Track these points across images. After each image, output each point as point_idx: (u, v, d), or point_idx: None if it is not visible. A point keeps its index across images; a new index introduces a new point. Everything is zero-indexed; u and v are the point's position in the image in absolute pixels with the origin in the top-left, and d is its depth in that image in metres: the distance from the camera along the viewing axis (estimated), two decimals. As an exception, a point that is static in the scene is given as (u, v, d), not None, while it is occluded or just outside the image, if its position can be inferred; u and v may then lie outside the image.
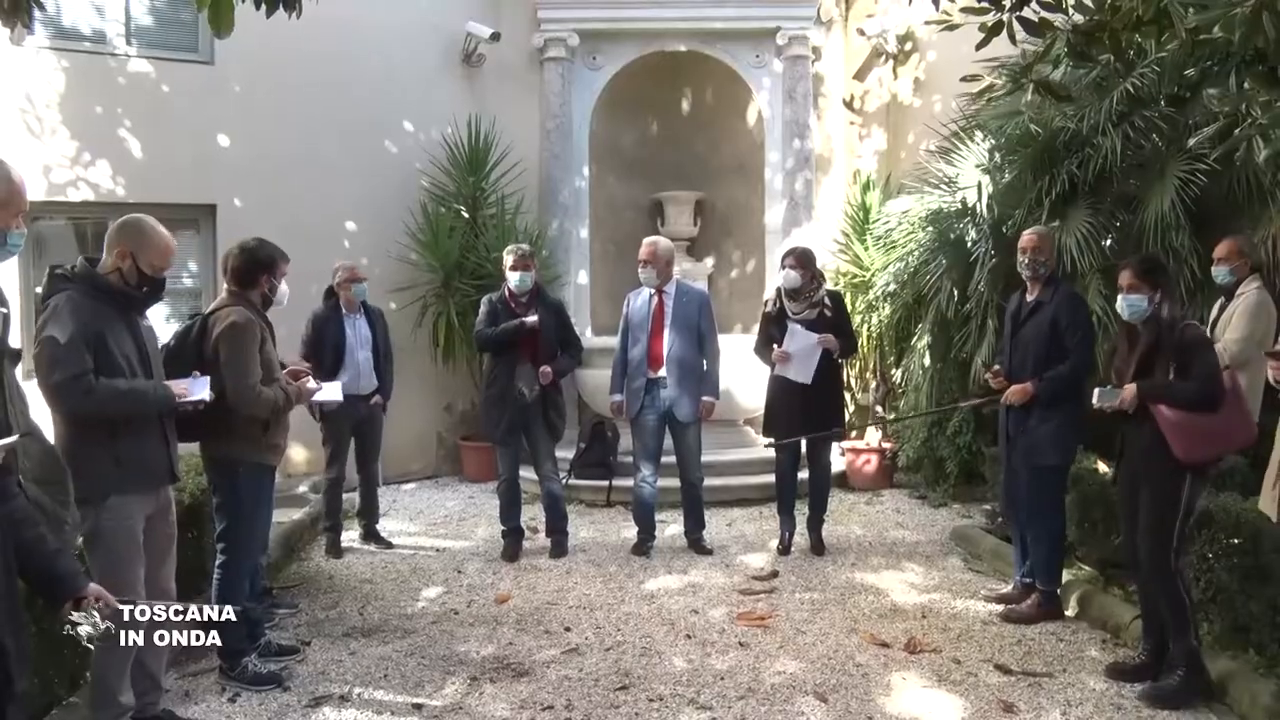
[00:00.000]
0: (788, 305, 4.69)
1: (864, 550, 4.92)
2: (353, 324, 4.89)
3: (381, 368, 4.96)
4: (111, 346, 2.52)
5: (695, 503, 4.92)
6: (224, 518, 3.22)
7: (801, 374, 4.56)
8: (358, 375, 4.78)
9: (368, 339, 4.89)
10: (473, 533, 5.44)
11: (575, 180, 7.44)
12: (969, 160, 5.43)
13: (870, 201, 7.03)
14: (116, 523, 2.54)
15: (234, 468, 3.13)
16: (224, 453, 3.14)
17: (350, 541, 5.14)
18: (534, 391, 4.64)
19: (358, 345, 4.85)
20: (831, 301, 4.70)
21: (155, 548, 2.67)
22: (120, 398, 2.51)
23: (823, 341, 4.54)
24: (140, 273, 2.61)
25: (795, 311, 4.68)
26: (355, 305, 4.91)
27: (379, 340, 4.94)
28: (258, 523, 3.26)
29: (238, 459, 3.12)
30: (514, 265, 4.65)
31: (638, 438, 4.85)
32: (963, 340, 5.26)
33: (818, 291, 4.68)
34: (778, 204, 7.43)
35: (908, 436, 6.19)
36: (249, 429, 3.09)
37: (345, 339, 4.81)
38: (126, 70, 6.02)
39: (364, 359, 4.87)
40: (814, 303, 4.65)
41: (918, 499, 6.17)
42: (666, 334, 4.74)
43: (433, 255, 6.67)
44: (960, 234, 5.38)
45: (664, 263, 4.73)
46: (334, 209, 6.52)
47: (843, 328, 4.72)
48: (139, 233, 2.63)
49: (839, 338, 4.66)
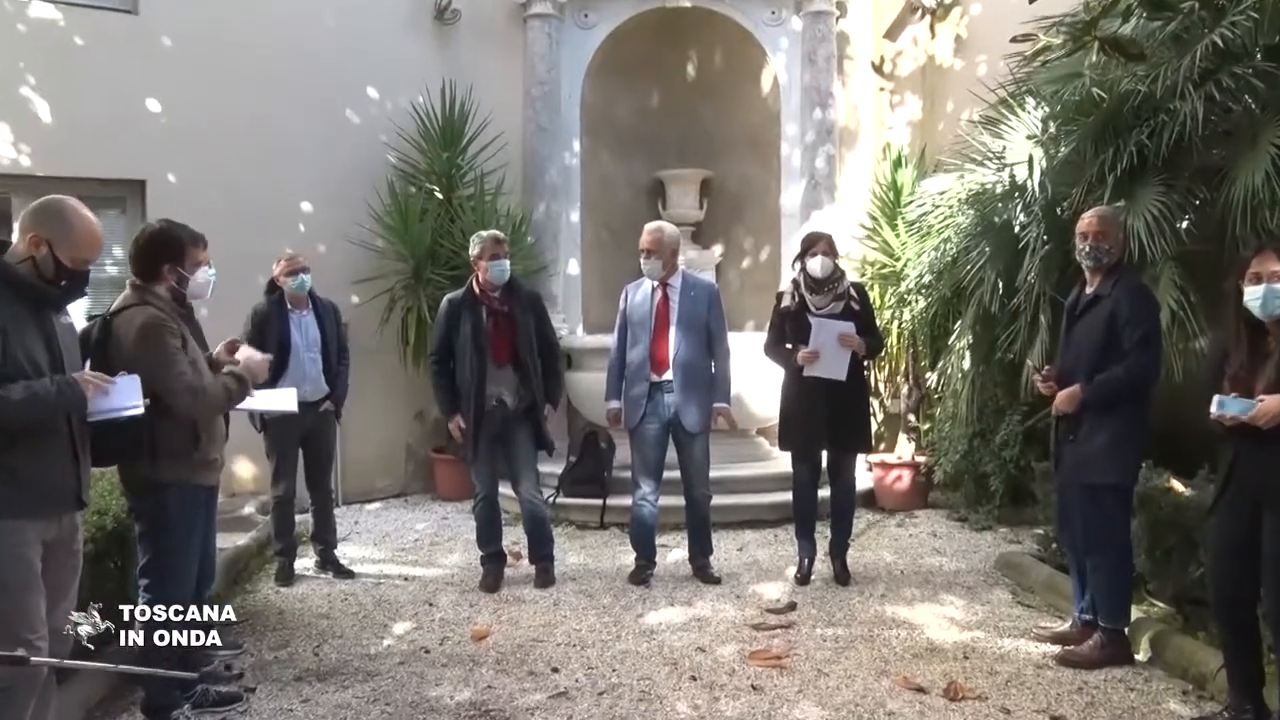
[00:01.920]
0: (810, 299, 4.67)
1: (895, 580, 4.89)
2: (299, 321, 4.87)
3: (334, 370, 4.94)
4: (14, 348, 2.41)
5: (702, 524, 4.91)
6: (148, 549, 3.13)
7: (835, 369, 4.55)
8: (304, 379, 4.74)
9: (316, 338, 4.89)
10: (446, 559, 5.43)
11: (564, 156, 7.43)
12: (1018, 131, 5.38)
13: (902, 180, 6.99)
14: (5, 549, 2.41)
15: (160, 491, 3.06)
16: (146, 474, 3.05)
17: (305, 569, 5.11)
18: (521, 400, 4.65)
19: (305, 345, 4.85)
20: (857, 293, 4.71)
21: (54, 582, 2.53)
22: (15, 409, 2.37)
23: (846, 342, 4.53)
24: (58, 264, 2.51)
25: (819, 306, 4.65)
26: (302, 300, 4.89)
27: (330, 338, 4.93)
28: (189, 555, 3.17)
29: (164, 480, 3.04)
30: (493, 253, 4.62)
31: (637, 450, 4.85)
32: (1009, 339, 5.20)
33: (842, 282, 4.69)
34: (795, 183, 7.42)
35: (945, 449, 6.16)
36: (174, 442, 3.02)
37: (290, 338, 4.79)
38: (28, 16, 5.91)
39: (311, 360, 4.87)
40: (839, 294, 4.65)
41: (957, 521, 6.14)
42: (671, 333, 4.74)
43: (401, 241, 6.68)
44: (1007, 217, 5.33)
45: (669, 252, 4.75)
46: (286, 188, 6.52)
47: (869, 324, 4.74)
48: (59, 218, 2.54)
49: (865, 335, 4.65)
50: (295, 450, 4.89)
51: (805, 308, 4.66)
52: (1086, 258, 3.70)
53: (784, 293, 4.83)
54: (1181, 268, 4.31)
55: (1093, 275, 3.73)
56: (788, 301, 4.74)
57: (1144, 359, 3.55)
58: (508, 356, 4.63)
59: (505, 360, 4.63)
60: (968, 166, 5.78)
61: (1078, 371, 3.67)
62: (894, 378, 7.12)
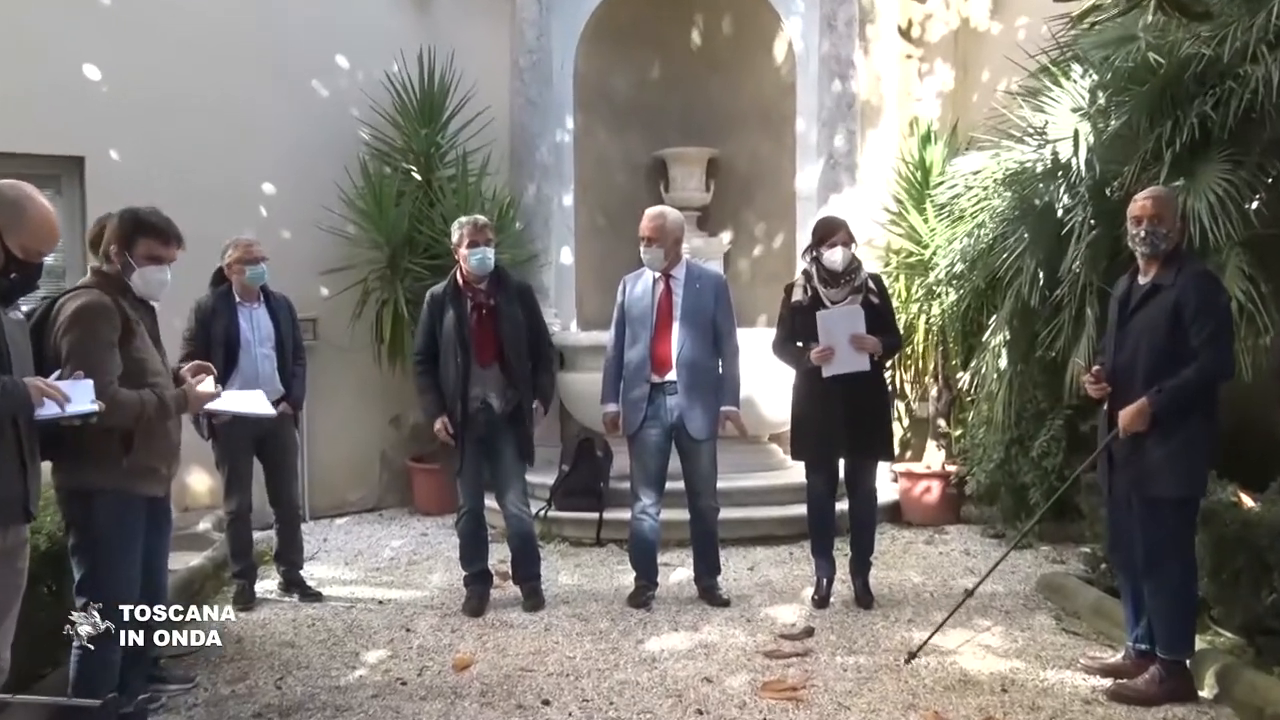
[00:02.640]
0: (824, 292, 4.67)
1: (924, 603, 4.87)
2: (249, 315, 4.85)
3: (288, 368, 4.95)
4: None
5: (709, 540, 4.91)
6: (81, 562, 3.11)
7: (854, 360, 4.57)
8: (255, 379, 4.72)
9: (269, 334, 4.88)
10: (425, 580, 5.42)
11: (556, 133, 7.45)
12: (1063, 103, 5.35)
13: (931, 159, 6.98)
14: None
15: (87, 499, 3.04)
16: (75, 480, 3.04)
17: (266, 592, 5.07)
18: (508, 403, 4.66)
19: (255, 341, 4.83)
20: (875, 285, 4.74)
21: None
22: None
23: (860, 344, 4.55)
24: (8, 255, 2.53)
25: (834, 300, 4.66)
26: (252, 292, 4.88)
27: (284, 334, 4.93)
28: (126, 571, 3.13)
29: (91, 487, 3.03)
30: (473, 240, 4.62)
31: (637, 458, 4.84)
32: (1051, 335, 5.17)
33: (859, 274, 4.71)
34: (812, 163, 7.41)
35: (979, 457, 6.13)
36: (100, 446, 2.99)
37: (239, 334, 4.77)
38: (-55, -29, 5.92)
39: (265, 357, 4.85)
40: (856, 287, 4.67)
41: (993, 538, 6.13)
42: (675, 329, 4.74)
43: (375, 227, 6.67)
44: (1049, 199, 5.31)
45: (672, 240, 4.75)
46: (245, 167, 6.47)
47: (888, 319, 4.78)
48: (12, 206, 2.55)
49: (883, 333, 4.67)
50: (249, 459, 4.87)
51: (818, 302, 4.66)
52: (1140, 244, 3.65)
53: (794, 285, 4.82)
54: (1250, 254, 4.25)
55: (1147, 264, 3.68)
56: (799, 295, 4.74)
57: (1216, 357, 3.49)
58: (493, 355, 4.63)
59: (490, 359, 4.63)
60: (1005, 143, 5.75)
61: (1134, 371, 3.62)
62: (922, 378, 7.09)
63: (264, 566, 5.18)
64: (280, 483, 4.99)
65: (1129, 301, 3.72)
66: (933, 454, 6.81)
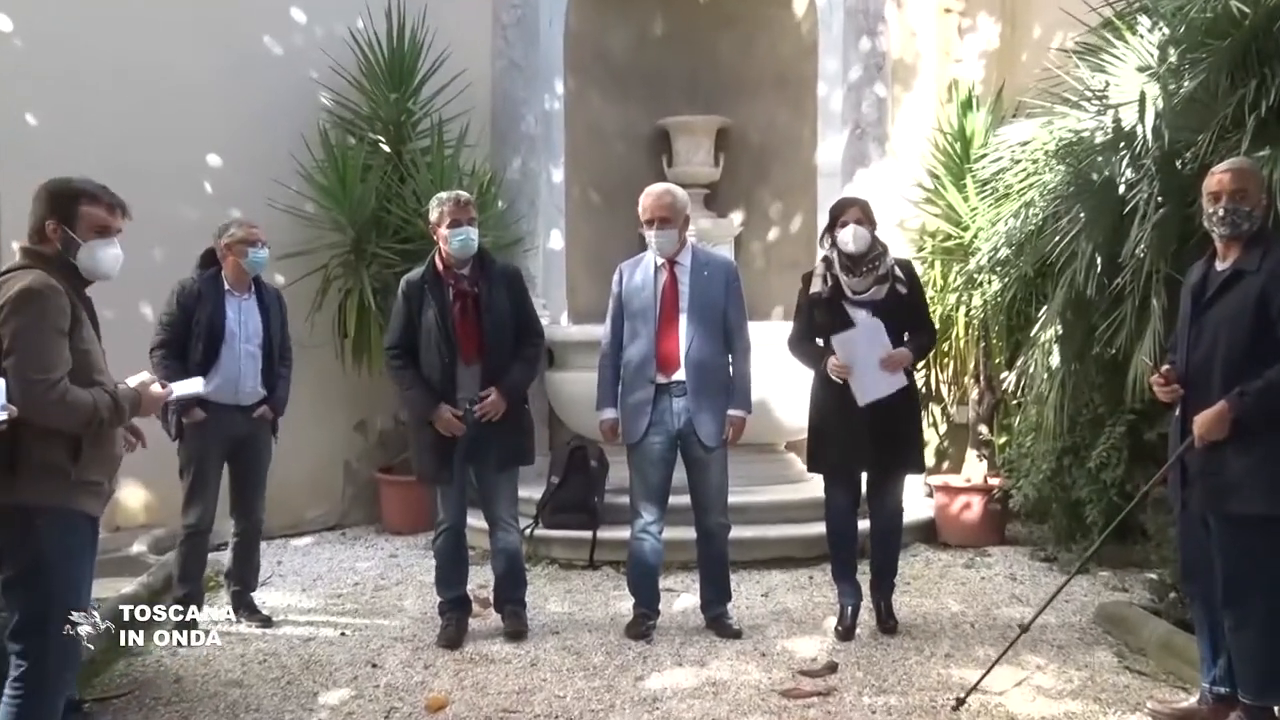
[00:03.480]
0: (846, 281, 4.68)
1: (964, 635, 4.83)
2: (237, 306, 4.89)
3: (274, 370, 4.99)
4: None
5: (718, 563, 4.91)
6: (19, 602, 2.97)
7: (881, 384, 4.60)
8: (238, 378, 4.80)
9: (257, 329, 4.92)
10: (395, 608, 5.40)
11: (544, 100, 7.49)
12: (1127, 62, 5.30)
13: (973, 127, 6.94)
14: None
15: (28, 520, 2.93)
16: (10, 497, 2.91)
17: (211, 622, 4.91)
18: (473, 409, 4.67)
19: (242, 335, 4.87)
20: (904, 274, 4.76)
21: None
22: None
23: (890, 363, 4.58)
24: None
25: (857, 290, 4.66)
26: (245, 281, 4.91)
27: (273, 331, 4.98)
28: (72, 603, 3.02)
29: (34, 505, 2.93)
30: (454, 219, 4.62)
31: (637, 469, 4.84)
32: (1110, 329, 5.13)
33: (884, 260, 4.72)
34: (836, 133, 7.42)
35: (1027, 469, 6.11)
36: (48, 455, 2.92)
37: (224, 325, 4.81)
38: None
39: (250, 355, 4.89)
40: (881, 275, 4.68)
41: (1043, 561, 6.10)
42: (682, 323, 4.74)
43: (338, 206, 6.68)
44: (1110, 173, 5.25)
45: (684, 220, 4.77)
46: (186, 137, 6.43)
47: (920, 312, 4.82)
48: None
49: (914, 329, 4.71)
50: (219, 466, 4.89)
51: (839, 292, 4.67)
52: (1219, 224, 3.60)
53: (812, 274, 4.83)
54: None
55: (1226, 247, 3.63)
56: (818, 285, 4.74)
57: None
58: (478, 350, 4.66)
59: (475, 355, 4.66)
60: (1059, 109, 5.72)
61: (1210, 371, 3.56)
62: (960, 379, 7.07)
63: (209, 593, 5.16)
64: (248, 493, 5.03)
65: (1205, 290, 3.66)
66: (973, 465, 6.80)
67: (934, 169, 7.11)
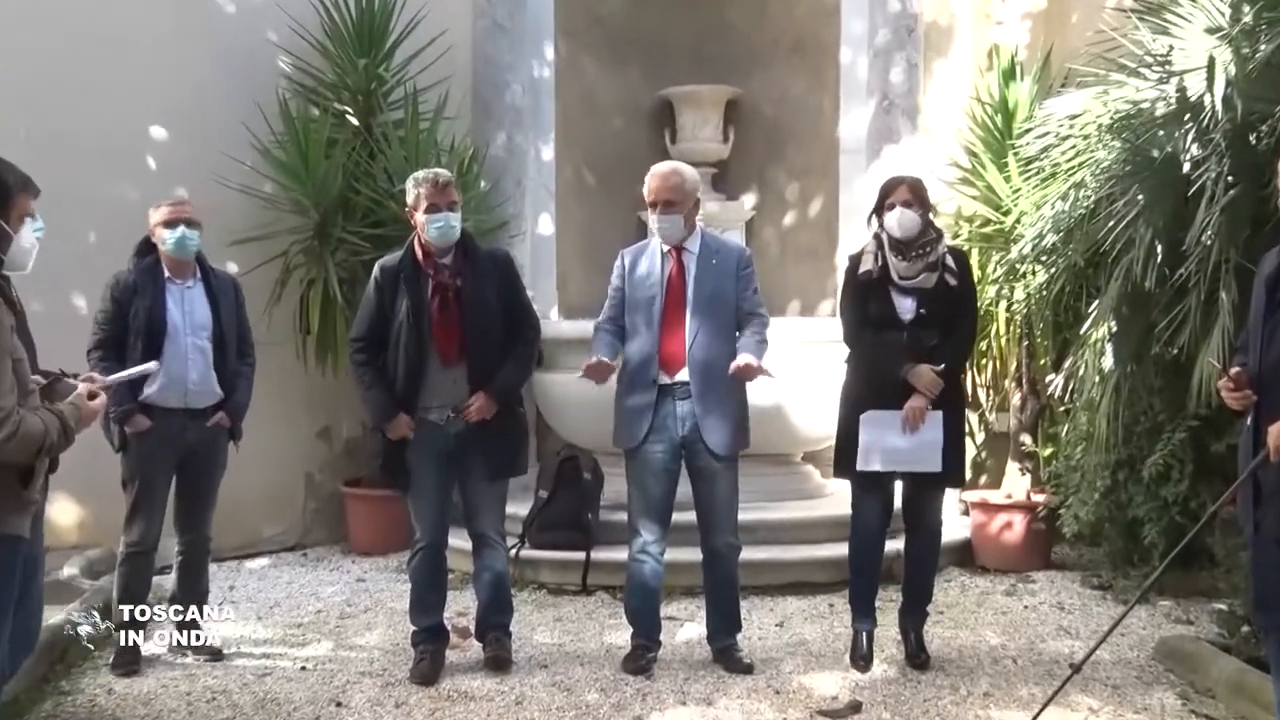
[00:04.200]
0: (893, 264, 4.68)
1: (1005, 672, 4.79)
2: (180, 295, 4.87)
3: (231, 368, 4.98)
4: None
5: (727, 588, 4.92)
6: None
7: (920, 455, 4.67)
8: (185, 375, 4.78)
9: (205, 321, 4.90)
10: (363, 638, 5.37)
11: (532, 67, 7.49)
12: (1194, 22, 5.27)
13: (1016, 98, 6.93)
14: None
15: None
16: None
17: (155, 653, 4.98)
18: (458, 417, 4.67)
19: (187, 327, 4.84)
20: (955, 263, 4.78)
21: None
22: None
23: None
24: None
25: (905, 275, 4.66)
26: (186, 267, 4.88)
27: (225, 323, 4.95)
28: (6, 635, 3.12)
29: None
30: (432, 203, 4.59)
31: (636, 483, 4.82)
32: (1172, 326, 5.12)
33: (936, 246, 4.73)
34: (860, 105, 7.45)
35: (1077, 484, 6.07)
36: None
37: (165, 318, 4.79)
38: None
39: (198, 350, 4.86)
40: (932, 263, 4.69)
41: (1096, 589, 6.06)
42: (688, 318, 4.73)
43: (299, 185, 6.67)
44: (1173, 149, 5.23)
45: (691, 203, 4.77)
46: (126, 107, 6.40)
47: (964, 308, 4.82)
48: None
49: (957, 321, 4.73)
50: (167, 479, 4.87)
51: (888, 275, 4.69)
52: None
53: (861, 254, 4.84)
54: None
55: None
56: (868, 264, 4.74)
57: None
58: (459, 351, 4.64)
59: (456, 356, 4.66)
60: (1114, 77, 5.69)
61: None
62: (1000, 382, 7.09)
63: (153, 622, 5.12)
64: (197, 508, 5.01)
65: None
66: (1015, 479, 6.76)
67: (971, 145, 7.11)
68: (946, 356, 4.68)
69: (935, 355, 4.68)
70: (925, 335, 4.68)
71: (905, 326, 4.68)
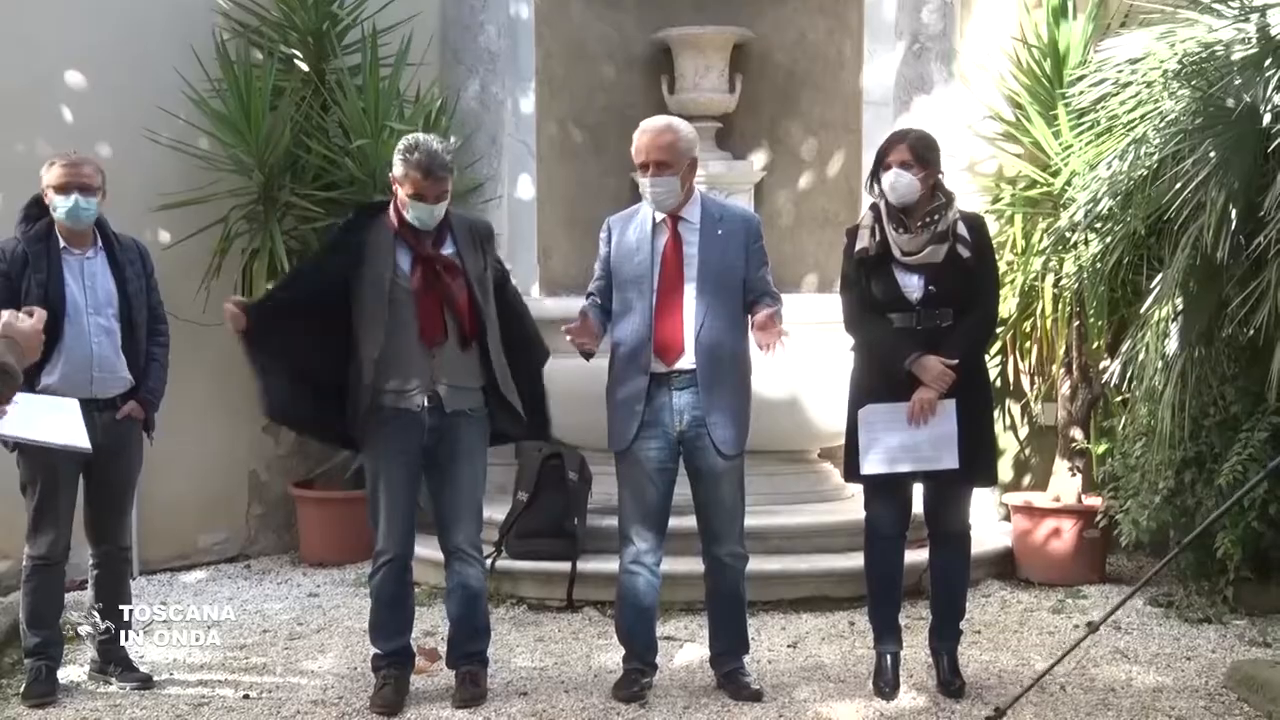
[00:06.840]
0: (894, 238, 4.65)
1: (1053, 700, 4.73)
2: (79, 268, 4.84)
3: (141, 349, 4.96)
4: None
5: (732, 604, 4.91)
6: None
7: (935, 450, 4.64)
8: (88, 361, 4.76)
9: (110, 296, 4.88)
10: (315, 663, 5.38)
11: (510, 5, 7.53)
12: None
13: (1067, 40, 6.86)
14: None
15: None
16: None
17: (73, 679, 4.98)
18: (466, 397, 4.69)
19: (90, 305, 4.83)
20: (970, 233, 4.71)
21: None
22: None
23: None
24: None
25: (908, 250, 4.63)
26: (84, 236, 4.84)
27: (132, 297, 4.92)
28: None
29: None
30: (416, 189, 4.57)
31: (628, 485, 4.82)
32: (1248, 304, 5.12)
33: (945, 213, 4.67)
34: (887, 50, 7.47)
35: (1136, 486, 6.04)
36: None
37: (63, 295, 4.76)
38: None
39: (99, 331, 4.84)
40: (940, 233, 4.64)
41: (1159, 606, 6.06)
42: (689, 297, 4.71)
43: (240, 142, 6.68)
44: (1253, 98, 5.21)
45: (686, 164, 4.71)
46: (35, 50, 6.39)
47: (982, 284, 4.78)
48: None
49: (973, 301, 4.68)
50: (73, 482, 4.84)
51: (888, 251, 4.66)
52: None
53: (858, 228, 4.82)
54: None
55: None
56: (864, 241, 4.71)
57: None
58: (442, 329, 4.67)
59: (438, 334, 4.66)
60: (1183, 14, 5.70)
61: None
62: (1047, 368, 7.09)
63: (70, 645, 5.10)
64: (109, 514, 4.98)
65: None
66: (1063, 480, 6.70)
67: (1015, 95, 7.09)
68: (960, 344, 4.65)
69: (948, 341, 4.67)
70: (939, 315, 4.65)
71: (914, 308, 4.66)
